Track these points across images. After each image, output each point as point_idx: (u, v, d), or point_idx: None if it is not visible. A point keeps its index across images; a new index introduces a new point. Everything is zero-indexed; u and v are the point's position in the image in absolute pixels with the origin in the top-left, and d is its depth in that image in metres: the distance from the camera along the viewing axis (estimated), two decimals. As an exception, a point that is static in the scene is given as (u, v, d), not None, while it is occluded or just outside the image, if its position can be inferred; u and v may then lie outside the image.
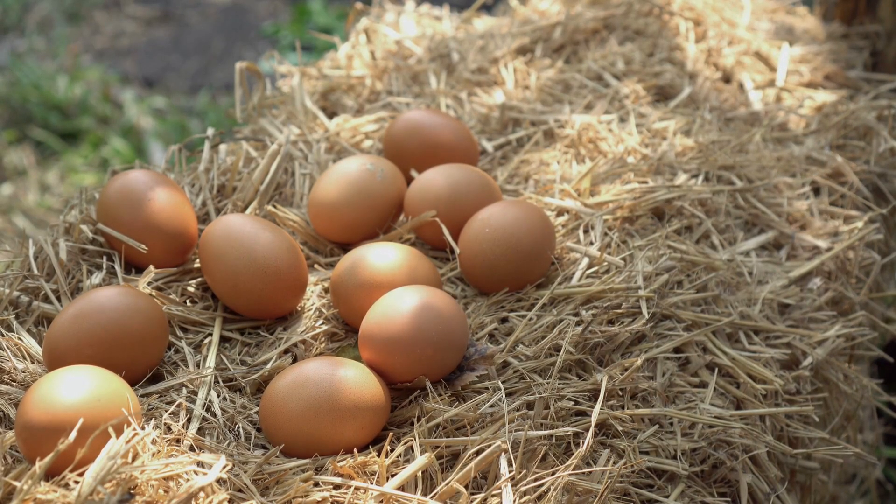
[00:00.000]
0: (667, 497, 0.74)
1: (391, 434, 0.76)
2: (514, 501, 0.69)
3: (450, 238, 0.92)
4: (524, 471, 0.71)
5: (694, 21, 1.33)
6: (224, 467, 0.70)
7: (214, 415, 0.78)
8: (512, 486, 0.70)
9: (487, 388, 0.79)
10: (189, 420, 0.77)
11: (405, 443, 0.74)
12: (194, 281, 0.91)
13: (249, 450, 0.76)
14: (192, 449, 0.74)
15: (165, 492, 0.67)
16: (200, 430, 0.77)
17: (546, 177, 1.05)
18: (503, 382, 0.80)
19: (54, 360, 0.78)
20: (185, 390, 0.80)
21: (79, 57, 2.86)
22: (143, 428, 0.73)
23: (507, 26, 1.36)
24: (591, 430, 0.74)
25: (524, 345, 0.83)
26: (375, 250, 0.87)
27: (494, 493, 0.70)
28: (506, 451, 0.72)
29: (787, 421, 0.85)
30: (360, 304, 0.85)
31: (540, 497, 0.69)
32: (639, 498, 0.73)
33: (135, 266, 0.92)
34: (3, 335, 0.83)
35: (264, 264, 0.86)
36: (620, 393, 0.80)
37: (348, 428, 0.74)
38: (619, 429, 0.76)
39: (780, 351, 0.88)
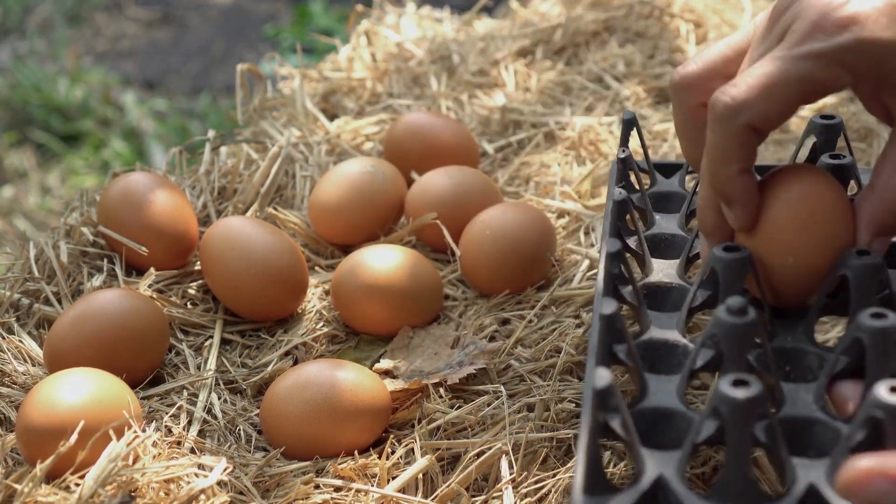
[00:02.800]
0: (668, 499, 0.74)
1: (392, 436, 0.76)
2: (515, 503, 0.69)
3: (450, 240, 0.92)
4: (525, 473, 0.71)
5: (695, 23, 1.33)
6: (225, 469, 0.70)
7: (215, 417, 0.78)
8: (513, 488, 0.70)
9: (489, 391, 0.79)
10: (190, 422, 0.77)
11: (406, 445, 0.74)
12: (195, 283, 0.91)
13: (250, 452, 0.76)
14: (192, 451, 0.74)
15: (166, 494, 0.67)
16: (201, 433, 0.77)
17: (547, 179, 1.05)
18: (504, 384, 0.80)
19: (55, 363, 0.78)
20: (185, 392, 0.80)
21: (80, 59, 2.86)
22: (143, 430, 0.73)
23: (508, 28, 1.36)
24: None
25: (524, 346, 0.83)
26: (376, 252, 0.87)
27: (495, 495, 0.70)
28: (507, 453, 0.72)
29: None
30: (360, 307, 0.85)
31: (541, 499, 0.69)
32: (640, 500, 0.73)
33: (135, 268, 0.92)
34: (3, 338, 0.83)
35: (265, 266, 0.86)
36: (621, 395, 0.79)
37: (349, 430, 0.74)
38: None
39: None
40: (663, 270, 0.73)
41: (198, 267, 0.92)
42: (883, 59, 0.59)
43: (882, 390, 0.52)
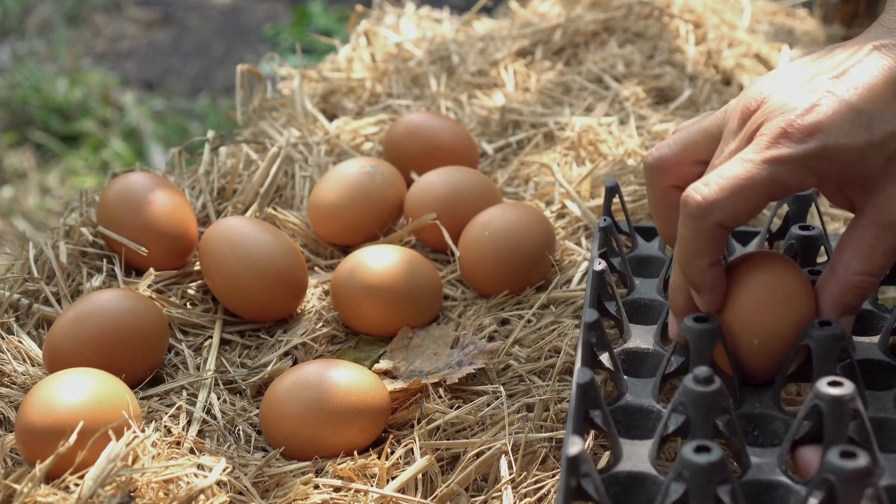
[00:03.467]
0: (667, 499, 0.74)
1: (391, 436, 0.76)
2: (515, 503, 0.69)
3: (450, 241, 0.92)
4: (524, 473, 0.71)
5: (694, 23, 1.33)
6: (224, 470, 0.70)
7: (214, 417, 0.78)
8: (512, 488, 0.70)
9: (488, 391, 0.79)
10: (189, 423, 0.77)
11: (405, 445, 0.74)
12: (194, 283, 0.91)
13: (250, 452, 0.76)
14: (192, 451, 0.74)
15: (165, 494, 0.67)
16: (200, 433, 0.77)
17: (546, 179, 1.05)
18: (503, 385, 0.80)
19: (54, 363, 0.78)
20: (185, 393, 0.80)
21: (79, 59, 2.86)
22: (143, 430, 0.73)
23: (507, 29, 1.36)
24: (591, 432, 0.74)
25: (523, 346, 0.83)
26: (375, 253, 0.87)
27: (495, 495, 0.70)
28: (506, 453, 0.72)
29: (788, 423, 0.85)
30: (360, 308, 0.85)
31: (540, 499, 0.69)
32: (639, 500, 0.73)
33: (135, 269, 0.92)
34: (3, 338, 0.83)
35: (264, 267, 0.86)
36: (621, 395, 0.79)
37: (348, 430, 0.74)
38: (620, 431, 0.76)
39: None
40: (641, 336, 0.77)
41: (197, 267, 0.92)
42: (847, 162, 0.63)
43: (834, 456, 0.55)
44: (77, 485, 0.67)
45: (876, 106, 0.63)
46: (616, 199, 0.87)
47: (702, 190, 0.65)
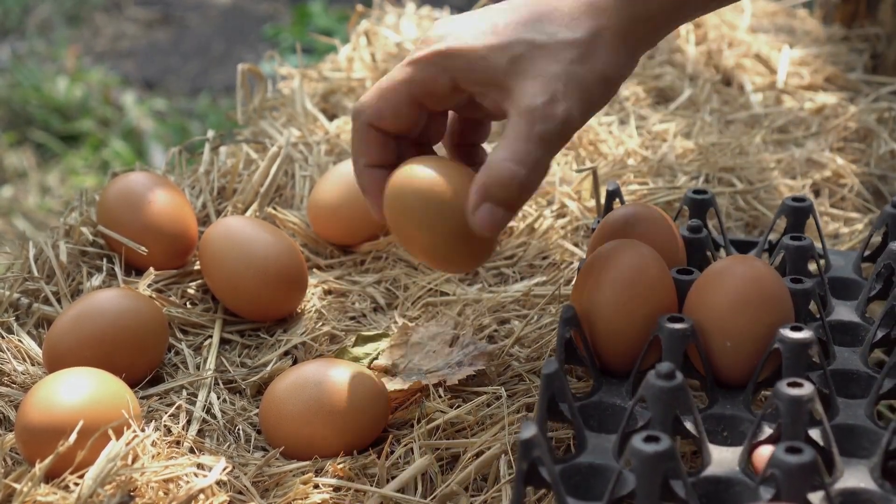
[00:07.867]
0: (667, 499, 0.74)
1: (391, 436, 0.76)
2: (514, 503, 0.69)
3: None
4: (524, 473, 0.71)
5: (694, 23, 1.33)
6: (224, 469, 0.70)
7: (214, 417, 0.78)
8: (512, 488, 0.70)
9: (488, 391, 0.79)
10: (189, 422, 0.77)
11: (405, 445, 0.74)
12: (194, 283, 0.91)
13: (249, 452, 0.76)
14: (192, 451, 0.74)
15: (165, 494, 0.67)
16: (200, 432, 0.77)
17: (545, 179, 1.05)
18: (503, 384, 0.80)
19: (54, 362, 0.78)
20: (185, 392, 0.80)
21: (79, 59, 2.86)
22: (142, 430, 0.73)
23: (508, 28, 1.35)
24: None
25: (523, 346, 0.83)
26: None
27: (494, 495, 0.70)
28: (506, 453, 0.72)
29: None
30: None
31: (539, 499, 0.69)
32: (639, 500, 0.73)
33: (135, 268, 0.92)
34: (3, 337, 0.83)
35: (264, 266, 0.86)
36: (620, 395, 0.79)
37: (348, 430, 0.74)
38: (619, 431, 0.76)
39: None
40: None
41: (197, 267, 0.92)
42: (471, 60, 0.70)
43: (780, 451, 0.57)
44: (77, 484, 0.67)
45: (505, 19, 0.71)
46: (616, 202, 0.87)
47: (361, 98, 0.74)
